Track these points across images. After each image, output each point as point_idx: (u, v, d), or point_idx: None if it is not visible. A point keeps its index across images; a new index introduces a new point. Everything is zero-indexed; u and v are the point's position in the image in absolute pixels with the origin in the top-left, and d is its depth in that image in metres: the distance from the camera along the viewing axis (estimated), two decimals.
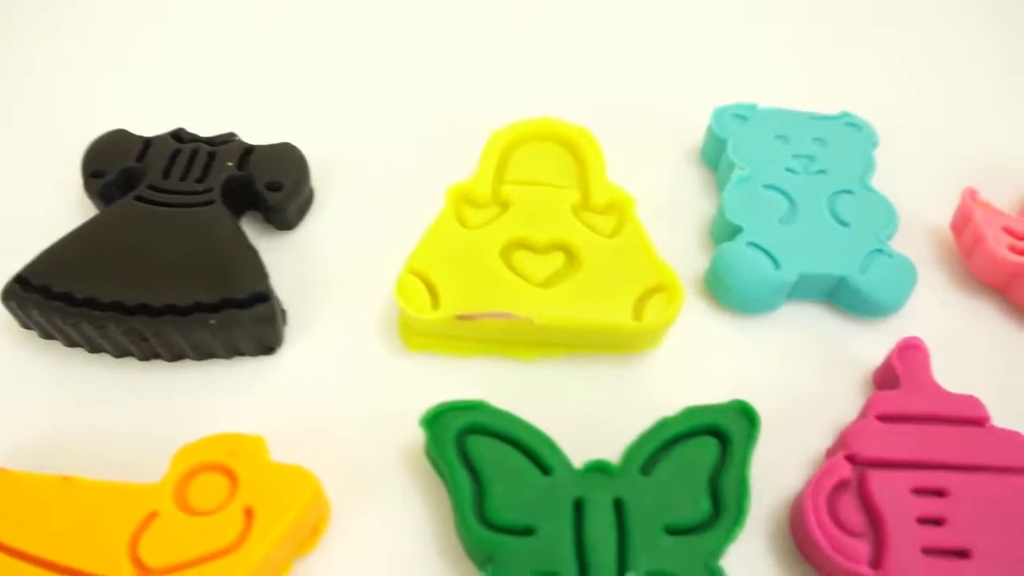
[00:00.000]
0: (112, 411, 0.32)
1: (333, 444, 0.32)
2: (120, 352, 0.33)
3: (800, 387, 0.34)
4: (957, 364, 0.35)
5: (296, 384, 0.33)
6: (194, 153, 0.37)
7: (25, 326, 0.33)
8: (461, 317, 0.32)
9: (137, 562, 0.27)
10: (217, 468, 0.29)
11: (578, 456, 0.30)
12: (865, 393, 0.34)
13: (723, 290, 0.35)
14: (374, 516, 0.30)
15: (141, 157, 0.36)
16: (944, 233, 0.38)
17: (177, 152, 0.37)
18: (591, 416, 0.33)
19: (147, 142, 0.37)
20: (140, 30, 0.48)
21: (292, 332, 0.35)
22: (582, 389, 0.34)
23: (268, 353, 0.34)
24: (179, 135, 0.38)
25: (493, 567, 0.28)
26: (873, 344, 0.35)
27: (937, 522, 0.28)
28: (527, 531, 0.28)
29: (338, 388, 0.33)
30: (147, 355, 0.33)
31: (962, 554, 0.28)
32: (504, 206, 0.36)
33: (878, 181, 0.39)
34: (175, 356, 0.33)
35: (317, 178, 0.39)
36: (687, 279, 0.36)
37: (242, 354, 0.34)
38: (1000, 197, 0.40)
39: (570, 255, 0.34)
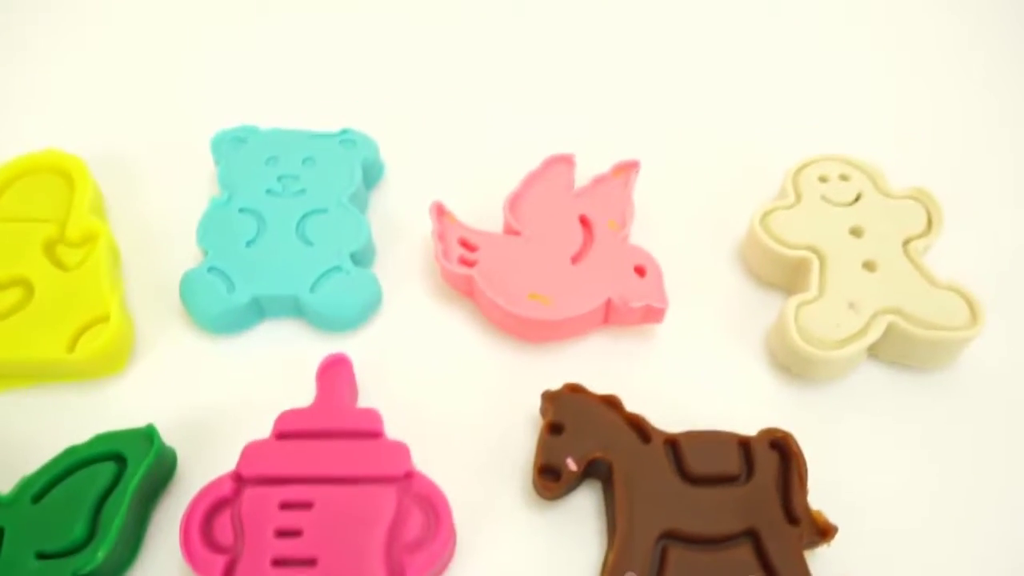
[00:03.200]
0: None
1: None
2: None
3: (265, 405, 0.36)
4: (422, 373, 0.37)
5: None
6: None
7: None
8: None
9: None
10: None
11: None
12: None
13: (192, 314, 0.37)
14: None
15: None
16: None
17: None
18: (54, 445, 0.34)
19: None
20: None
21: None
22: (49, 418, 0.35)
23: None
24: None
25: None
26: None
27: (295, 534, 0.31)
28: None
29: None
30: None
31: (310, 563, 0.30)
32: None
33: (386, 191, 0.41)
34: None
35: None
36: (176, 304, 0.38)
37: None
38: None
39: (28, 290, 0.36)
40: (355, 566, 0.30)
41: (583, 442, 0.33)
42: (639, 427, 0.33)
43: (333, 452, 0.32)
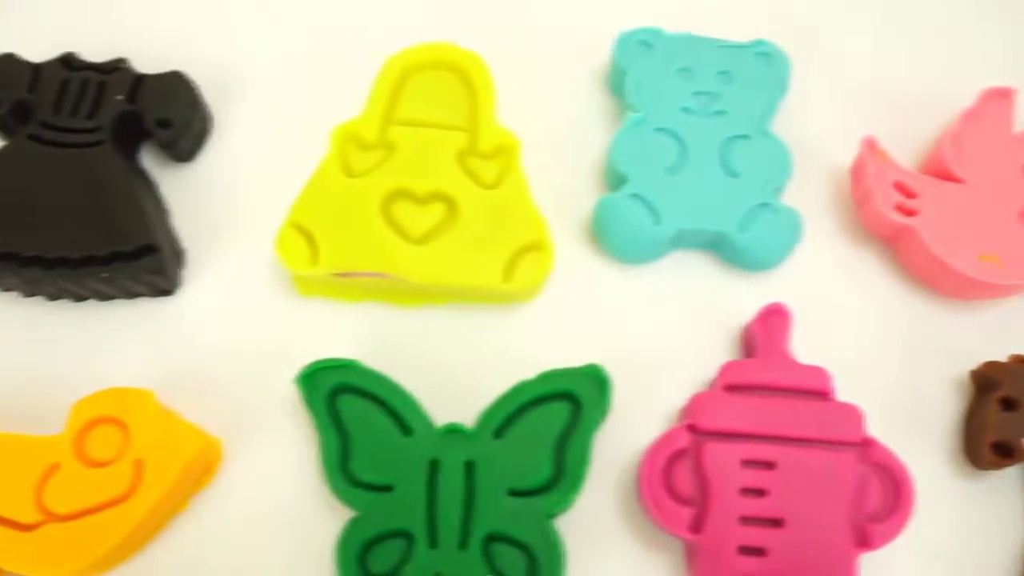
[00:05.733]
0: (21, 353, 0.35)
1: (225, 386, 0.34)
2: (29, 293, 0.35)
3: (673, 340, 0.36)
4: (833, 319, 0.36)
5: (192, 326, 0.35)
6: (84, 83, 0.36)
7: None
8: (339, 275, 0.34)
9: (43, 508, 0.31)
10: (110, 421, 0.32)
11: (452, 405, 0.32)
12: (734, 347, 0.35)
13: (604, 241, 0.36)
14: (263, 455, 0.34)
15: (32, 87, 0.36)
16: (845, 176, 0.37)
17: (67, 82, 0.36)
18: (469, 365, 0.35)
19: (36, 69, 0.36)
20: None
21: (190, 271, 0.36)
22: (462, 338, 0.35)
23: (166, 295, 0.36)
24: (69, 61, 0.37)
25: (352, 522, 0.31)
26: (750, 297, 0.35)
27: (759, 493, 0.31)
28: (385, 488, 0.31)
29: (232, 330, 0.35)
30: (54, 297, 0.35)
31: (776, 523, 0.31)
32: (390, 149, 0.35)
33: (790, 112, 0.38)
34: (79, 299, 0.35)
35: (216, 103, 0.38)
36: (575, 224, 0.37)
37: (141, 295, 0.36)
38: (921, 126, 0.38)
39: (450, 206, 0.35)
40: (823, 531, 0.31)
41: None
42: None
43: (786, 410, 0.32)
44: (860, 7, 0.42)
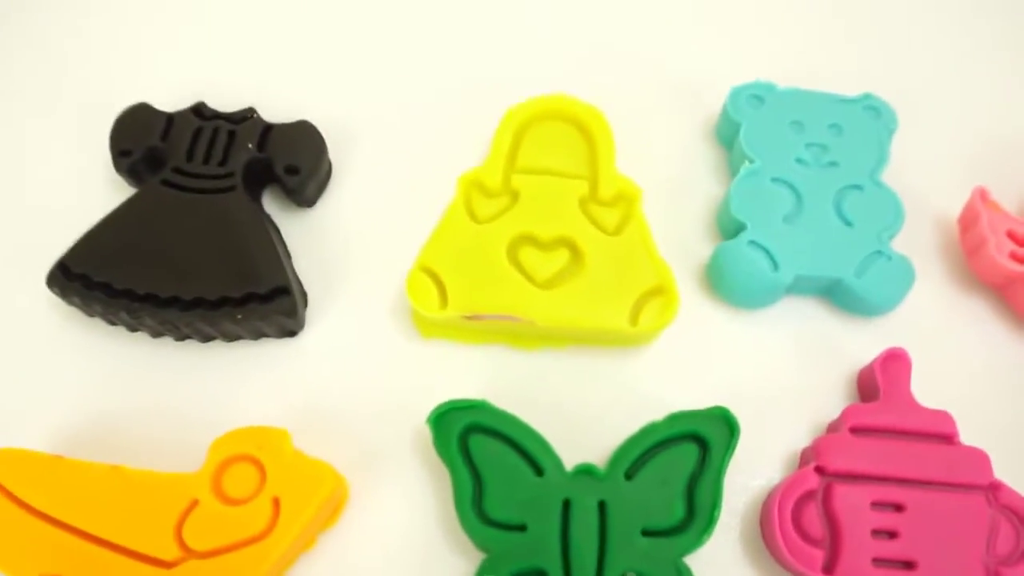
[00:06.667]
0: (152, 392, 0.36)
1: (350, 426, 0.35)
2: (157, 333, 0.36)
3: (788, 383, 0.36)
4: (944, 365, 0.37)
5: (316, 366, 0.36)
6: (215, 132, 0.38)
7: (70, 303, 0.36)
8: (468, 317, 0.35)
9: (183, 545, 0.31)
10: (247, 459, 0.32)
11: (573, 445, 0.33)
12: (849, 391, 0.36)
13: (721, 287, 0.37)
14: (388, 495, 0.34)
15: (165, 135, 0.38)
16: (951, 225, 0.38)
17: (199, 130, 0.38)
18: (588, 406, 0.36)
19: (169, 119, 0.38)
20: None
21: (312, 314, 0.37)
22: (581, 380, 0.36)
23: (291, 336, 0.37)
24: (200, 110, 0.38)
25: (487, 560, 0.31)
26: (863, 342, 0.36)
27: (891, 535, 0.31)
28: (519, 528, 0.32)
29: (355, 371, 0.36)
30: (181, 337, 0.36)
31: (909, 565, 0.31)
32: (514, 196, 0.37)
33: (894, 163, 0.39)
34: (206, 339, 0.36)
35: (335, 151, 0.40)
36: (689, 268, 0.38)
37: (267, 336, 0.36)
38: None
39: (574, 252, 0.36)
40: (956, 573, 0.31)
41: None
42: None
43: (913, 454, 0.33)
44: (962, 60, 0.44)
